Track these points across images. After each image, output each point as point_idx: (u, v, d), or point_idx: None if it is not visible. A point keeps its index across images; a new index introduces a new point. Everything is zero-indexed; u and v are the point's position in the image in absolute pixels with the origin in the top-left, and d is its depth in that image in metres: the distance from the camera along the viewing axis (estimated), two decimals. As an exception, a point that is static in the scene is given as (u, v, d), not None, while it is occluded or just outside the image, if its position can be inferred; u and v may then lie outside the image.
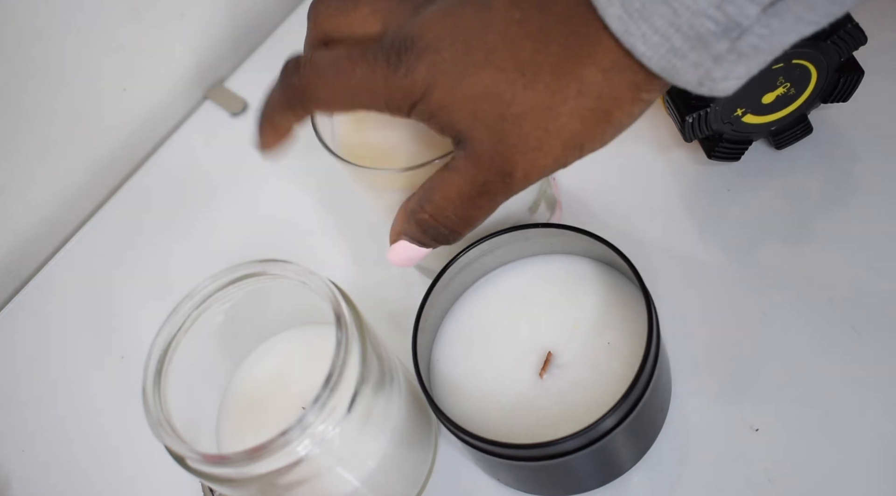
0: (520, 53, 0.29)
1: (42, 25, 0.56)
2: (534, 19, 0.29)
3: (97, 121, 0.62)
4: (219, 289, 0.36)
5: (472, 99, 0.29)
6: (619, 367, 0.35)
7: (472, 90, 0.29)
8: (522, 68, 0.29)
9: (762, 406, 0.40)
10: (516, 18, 0.29)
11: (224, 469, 0.32)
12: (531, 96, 0.29)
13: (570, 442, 0.33)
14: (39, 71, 0.57)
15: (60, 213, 0.62)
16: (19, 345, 0.56)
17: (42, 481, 0.50)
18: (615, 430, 0.34)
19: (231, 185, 0.58)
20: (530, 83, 0.29)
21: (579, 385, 0.36)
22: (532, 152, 0.30)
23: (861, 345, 0.40)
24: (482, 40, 0.29)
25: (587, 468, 0.37)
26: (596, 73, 0.28)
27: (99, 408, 0.52)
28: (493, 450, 0.34)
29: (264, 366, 0.41)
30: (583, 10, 0.28)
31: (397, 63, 0.30)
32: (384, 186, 0.39)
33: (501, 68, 0.29)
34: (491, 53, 0.29)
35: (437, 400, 0.37)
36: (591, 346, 0.36)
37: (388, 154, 0.40)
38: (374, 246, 0.51)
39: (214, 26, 0.65)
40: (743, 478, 0.38)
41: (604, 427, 0.33)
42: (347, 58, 0.32)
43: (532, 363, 0.37)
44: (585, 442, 0.33)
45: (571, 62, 0.28)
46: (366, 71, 0.31)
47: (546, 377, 0.36)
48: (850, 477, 0.37)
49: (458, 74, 0.29)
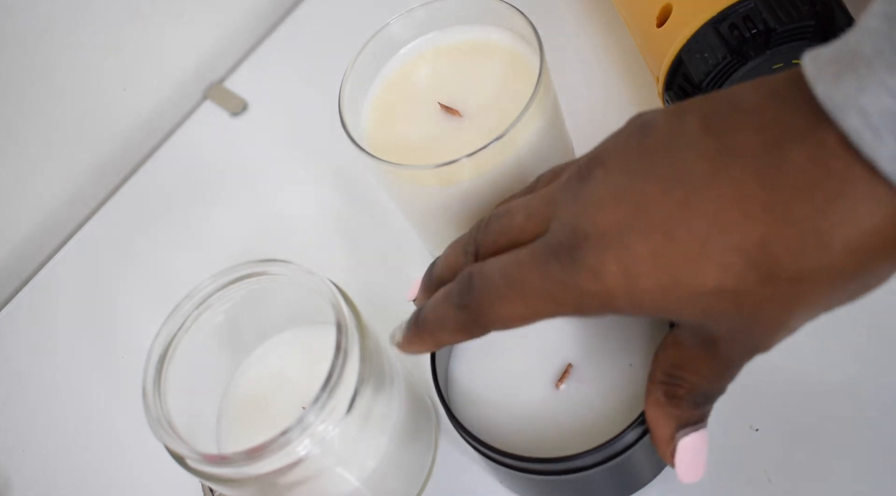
0: (745, 240, 0.24)
1: (42, 25, 0.56)
2: (754, 194, 0.23)
3: (97, 121, 0.62)
4: (219, 289, 0.36)
5: (696, 299, 0.25)
6: (639, 388, 0.35)
7: (693, 291, 0.25)
8: (755, 264, 0.24)
9: (762, 406, 0.40)
10: (726, 195, 0.24)
11: (224, 469, 0.32)
12: (771, 289, 0.24)
13: (588, 457, 0.32)
14: (40, 71, 0.57)
15: (61, 213, 0.62)
16: (19, 345, 0.56)
17: (42, 481, 0.50)
18: (635, 445, 0.33)
19: (231, 185, 0.58)
20: (767, 278, 0.24)
21: (596, 401, 0.35)
22: (777, 331, 0.26)
23: (861, 345, 0.40)
24: (686, 227, 0.24)
25: (605, 483, 0.36)
26: (857, 237, 0.23)
27: (99, 408, 0.52)
28: (513, 463, 0.33)
29: (264, 366, 0.41)
30: (835, 157, 0.22)
31: (572, 265, 0.26)
32: (412, 183, 0.39)
33: (721, 266, 0.24)
34: (705, 244, 0.24)
35: (454, 408, 0.36)
36: (613, 365, 0.36)
37: (416, 150, 0.40)
38: (374, 246, 0.51)
39: (214, 26, 0.65)
40: (743, 478, 0.38)
41: (624, 442, 0.33)
42: (517, 264, 0.28)
43: (550, 374, 0.36)
44: (605, 457, 0.33)
45: (826, 234, 0.23)
46: (539, 278, 0.27)
47: (563, 389, 0.36)
48: (850, 477, 0.37)
49: (667, 274, 0.25)
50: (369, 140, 0.41)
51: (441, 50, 0.43)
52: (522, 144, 0.38)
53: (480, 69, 0.42)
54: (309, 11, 0.66)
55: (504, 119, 0.38)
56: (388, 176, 0.39)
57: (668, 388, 0.29)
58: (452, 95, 0.41)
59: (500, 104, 0.40)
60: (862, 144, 0.22)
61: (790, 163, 0.23)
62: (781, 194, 0.23)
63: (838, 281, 0.24)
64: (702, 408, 0.30)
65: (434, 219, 0.41)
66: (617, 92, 0.52)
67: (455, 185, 0.38)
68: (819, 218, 0.23)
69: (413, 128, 0.41)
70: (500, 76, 0.41)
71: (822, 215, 0.23)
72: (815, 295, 0.24)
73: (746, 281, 0.24)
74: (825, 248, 0.23)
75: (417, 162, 0.37)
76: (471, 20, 0.43)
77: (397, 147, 0.41)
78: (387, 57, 0.43)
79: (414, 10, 0.42)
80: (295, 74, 0.62)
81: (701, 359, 0.28)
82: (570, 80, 0.52)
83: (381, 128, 0.42)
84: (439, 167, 0.37)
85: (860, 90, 0.22)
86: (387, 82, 0.43)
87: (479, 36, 0.43)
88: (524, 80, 0.40)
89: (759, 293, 0.24)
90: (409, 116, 0.42)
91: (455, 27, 0.43)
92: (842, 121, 0.22)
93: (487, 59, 0.42)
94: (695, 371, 0.29)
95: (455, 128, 0.40)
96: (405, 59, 0.43)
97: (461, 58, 0.43)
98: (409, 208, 0.43)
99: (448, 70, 0.42)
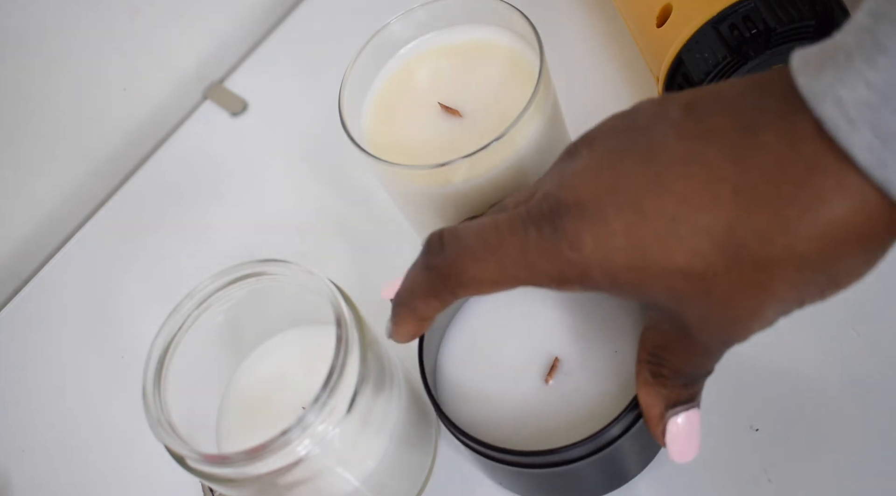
0: (714, 223, 0.24)
1: (42, 25, 0.56)
2: (725, 176, 0.24)
3: (97, 121, 0.62)
4: (219, 289, 0.36)
5: (665, 278, 0.25)
6: (627, 375, 0.35)
7: (661, 267, 0.25)
8: (722, 247, 0.24)
9: (762, 406, 0.40)
10: (698, 175, 0.24)
11: (224, 469, 0.32)
12: (738, 274, 0.24)
13: (576, 449, 0.32)
14: (40, 71, 0.57)
15: (61, 213, 0.62)
16: (20, 345, 0.56)
17: (42, 481, 0.50)
18: (623, 437, 0.33)
19: (231, 185, 0.58)
20: (734, 262, 0.24)
21: (585, 392, 0.35)
22: (748, 323, 0.26)
23: (861, 345, 0.40)
24: (657, 205, 0.24)
25: (593, 475, 0.37)
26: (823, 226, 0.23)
27: (99, 408, 0.52)
28: (500, 457, 0.34)
29: (264, 366, 0.41)
30: (808, 143, 0.22)
31: (552, 233, 0.26)
32: (412, 183, 0.39)
33: (690, 247, 0.24)
34: (674, 223, 0.24)
35: (443, 405, 0.37)
36: (599, 354, 0.36)
37: (416, 150, 0.40)
38: (374, 246, 0.51)
39: (214, 26, 0.65)
40: (743, 478, 0.38)
41: (611, 434, 0.33)
42: (494, 228, 0.27)
43: (538, 369, 0.37)
44: (592, 449, 0.33)
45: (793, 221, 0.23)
46: (518, 243, 0.27)
47: (552, 383, 0.36)
48: (850, 477, 0.37)
49: (638, 250, 0.25)
50: (369, 140, 0.41)
51: (441, 50, 0.43)
52: (522, 144, 0.38)
53: (480, 69, 0.42)
54: (309, 11, 0.66)
55: (504, 119, 0.38)
56: (387, 176, 0.39)
57: (654, 368, 0.29)
58: (452, 95, 0.41)
59: (499, 104, 0.40)
60: (837, 133, 0.22)
61: (763, 147, 0.23)
62: (751, 178, 0.23)
63: (806, 270, 0.24)
64: (690, 388, 0.30)
65: (434, 219, 0.41)
66: (617, 92, 0.52)
67: (454, 184, 0.38)
68: (786, 204, 0.23)
69: (413, 128, 0.41)
70: (499, 76, 0.41)
71: (790, 201, 0.23)
72: (783, 283, 0.24)
73: (714, 264, 0.24)
74: (791, 234, 0.23)
75: (417, 162, 0.37)
76: (471, 20, 0.43)
77: (397, 147, 0.41)
78: (387, 57, 0.43)
79: (414, 10, 0.42)
80: (295, 74, 0.62)
81: (679, 341, 0.28)
82: (570, 80, 0.52)
83: (381, 128, 0.42)
84: (439, 167, 0.37)
85: (838, 81, 0.22)
86: (387, 82, 0.43)
87: (479, 36, 0.43)
88: (524, 80, 0.40)
89: (726, 278, 0.24)
90: (409, 116, 0.42)
91: (455, 27, 0.43)
92: (818, 109, 0.22)
93: (487, 59, 0.42)
94: (674, 353, 0.28)
95: (455, 128, 0.40)
96: (405, 59, 0.43)
97: (461, 58, 0.43)
98: (408, 208, 0.43)
99: (448, 70, 0.42)
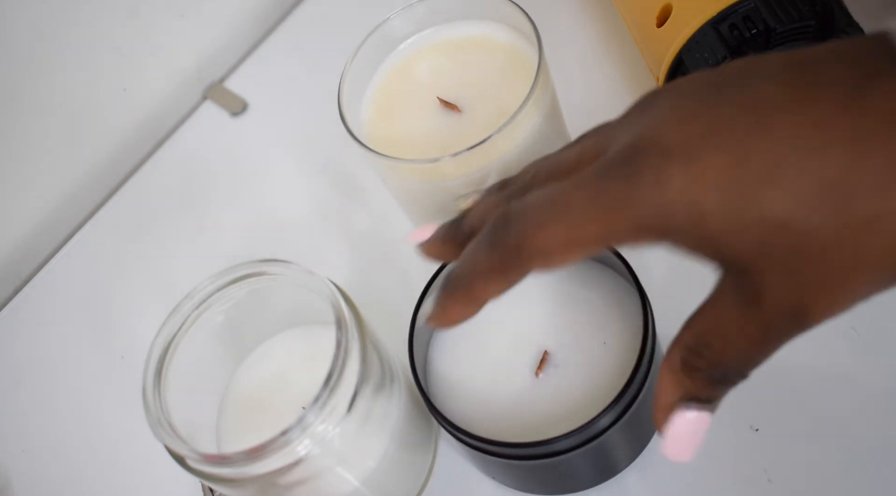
0: (824, 167, 0.22)
1: (42, 25, 0.56)
2: (838, 121, 0.22)
3: (97, 121, 0.62)
4: (219, 289, 0.36)
5: (760, 226, 0.23)
6: (616, 367, 0.35)
7: (760, 215, 0.22)
8: (823, 195, 0.22)
9: (762, 406, 0.40)
10: (807, 121, 0.22)
11: (224, 469, 0.32)
12: (840, 229, 0.22)
13: (565, 441, 0.33)
14: (40, 71, 0.57)
15: (61, 213, 0.62)
16: (19, 345, 0.56)
17: (42, 481, 0.50)
18: (610, 429, 0.34)
19: (231, 185, 0.58)
20: (838, 211, 0.22)
21: (575, 384, 0.36)
22: (835, 290, 0.23)
23: (861, 345, 0.40)
24: (760, 148, 0.22)
25: (583, 467, 0.37)
26: None
27: (99, 407, 0.52)
28: (489, 448, 0.34)
29: (264, 366, 0.41)
30: None
31: (631, 176, 0.23)
32: (412, 178, 0.39)
33: (794, 193, 0.22)
34: (777, 170, 0.22)
35: (434, 399, 0.37)
36: (588, 345, 0.36)
37: (415, 145, 0.40)
38: (374, 246, 0.51)
39: (214, 26, 0.65)
40: (743, 478, 0.38)
41: (599, 426, 0.33)
42: (561, 189, 0.25)
43: (528, 362, 0.37)
44: (581, 441, 0.33)
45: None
46: (588, 196, 0.24)
47: (542, 376, 0.36)
48: (850, 477, 0.37)
49: (733, 193, 0.23)
50: (368, 135, 0.41)
51: (440, 45, 0.43)
52: (520, 139, 0.38)
53: (479, 65, 0.42)
54: (309, 11, 0.66)
55: (502, 114, 0.38)
56: (387, 170, 0.39)
57: (689, 356, 0.27)
58: (451, 90, 0.41)
59: (498, 99, 0.40)
60: None
61: (882, 93, 0.22)
62: (867, 122, 0.21)
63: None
64: (715, 388, 0.27)
65: (434, 214, 0.41)
66: (617, 91, 0.52)
67: (454, 179, 0.38)
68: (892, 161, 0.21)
69: (412, 123, 0.41)
70: (498, 72, 0.41)
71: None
72: (885, 249, 0.22)
73: (817, 213, 0.22)
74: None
75: (417, 156, 0.38)
76: (470, 16, 0.43)
77: (396, 142, 0.41)
78: (386, 52, 0.43)
79: (413, 5, 0.42)
80: (295, 74, 0.62)
81: (737, 321, 0.25)
82: (570, 79, 0.52)
83: (381, 122, 0.42)
84: (437, 161, 0.37)
85: None
86: (386, 77, 0.43)
87: (478, 31, 0.43)
88: (523, 75, 0.40)
89: (826, 231, 0.22)
90: (409, 111, 0.42)
91: (454, 23, 0.43)
92: None
93: (486, 54, 0.42)
94: (725, 337, 0.26)
95: (454, 122, 0.41)
96: (404, 55, 0.43)
97: (460, 53, 0.43)
98: (408, 203, 0.43)
99: (447, 65, 0.43)
